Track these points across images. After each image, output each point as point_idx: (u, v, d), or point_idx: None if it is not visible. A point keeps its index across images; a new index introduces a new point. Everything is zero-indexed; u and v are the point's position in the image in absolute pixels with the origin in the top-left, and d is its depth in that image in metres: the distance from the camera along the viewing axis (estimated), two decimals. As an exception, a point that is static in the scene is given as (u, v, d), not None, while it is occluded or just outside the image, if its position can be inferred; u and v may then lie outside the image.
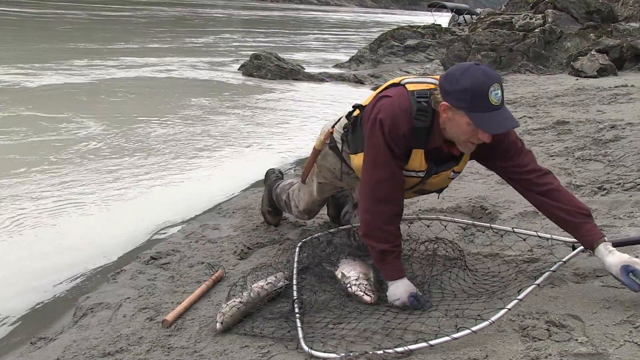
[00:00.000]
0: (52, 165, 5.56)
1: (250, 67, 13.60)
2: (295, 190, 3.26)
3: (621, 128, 5.15)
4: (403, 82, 2.38)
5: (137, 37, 20.99)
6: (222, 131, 7.60)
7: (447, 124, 2.21)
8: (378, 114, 2.30)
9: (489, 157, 2.43)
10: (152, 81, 11.78)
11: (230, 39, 23.78)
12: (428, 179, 2.41)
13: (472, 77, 2.08)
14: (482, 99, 2.08)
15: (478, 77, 2.08)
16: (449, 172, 2.43)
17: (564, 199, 2.30)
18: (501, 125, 2.13)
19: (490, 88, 2.07)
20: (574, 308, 2.18)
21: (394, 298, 2.33)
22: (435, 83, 2.28)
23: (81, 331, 2.53)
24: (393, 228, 2.38)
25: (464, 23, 26.32)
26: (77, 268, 3.52)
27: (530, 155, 2.42)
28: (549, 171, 2.40)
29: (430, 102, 2.25)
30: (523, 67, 11.55)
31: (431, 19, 30.87)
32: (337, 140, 2.71)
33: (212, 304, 2.60)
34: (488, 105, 2.08)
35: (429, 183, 2.45)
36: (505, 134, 2.31)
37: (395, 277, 2.36)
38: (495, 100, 2.08)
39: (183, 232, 3.84)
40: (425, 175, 2.38)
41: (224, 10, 48.83)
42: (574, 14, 12.59)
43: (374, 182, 2.34)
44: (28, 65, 12.30)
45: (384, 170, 2.31)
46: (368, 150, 2.36)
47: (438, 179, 2.43)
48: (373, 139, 2.31)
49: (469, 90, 2.08)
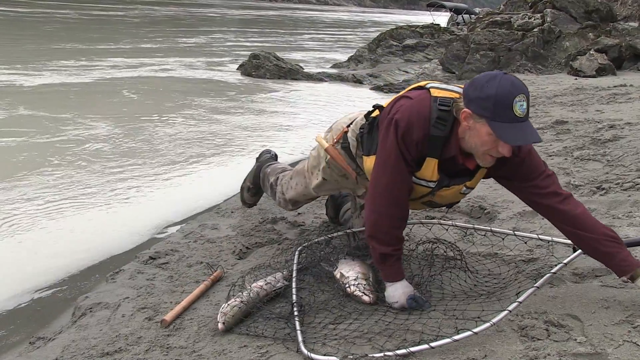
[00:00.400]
0: (52, 165, 5.55)
1: (248, 67, 13.59)
2: (287, 177, 3.19)
3: (620, 128, 5.16)
4: (428, 86, 2.31)
5: (130, 36, 20.98)
6: (221, 131, 7.60)
7: (467, 133, 2.14)
8: (395, 114, 2.24)
9: (509, 176, 2.32)
10: (151, 81, 11.77)
11: (225, 38, 23.78)
12: (438, 190, 2.34)
13: (498, 86, 2.02)
14: (506, 109, 2.00)
15: (504, 86, 2.02)
16: (460, 187, 2.35)
17: (591, 226, 2.18)
18: (523, 138, 2.05)
19: (515, 98, 2.00)
20: (572, 308, 2.18)
21: (392, 300, 2.32)
22: (460, 92, 2.20)
23: (80, 331, 2.52)
24: (398, 232, 2.35)
25: (463, 23, 26.33)
26: (75, 268, 3.52)
27: (553, 178, 2.29)
28: (570, 195, 2.28)
29: (452, 110, 2.18)
30: (522, 66, 11.55)
31: (429, 18, 30.89)
32: (352, 141, 2.65)
33: (211, 303, 2.60)
34: (511, 116, 2.01)
35: (438, 195, 2.37)
36: (528, 154, 2.24)
37: (394, 279, 2.34)
38: (520, 112, 2.01)
39: (182, 232, 3.84)
40: (436, 186, 2.31)
41: (219, 10, 48.80)
42: (572, 13, 12.60)
43: (383, 185, 2.29)
44: (22, 66, 12.29)
45: (395, 173, 2.26)
46: (381, 151, 2.31)
47: (449, 192, 2.36)
48: (387, 140, 2.26)
49: (492, 99, 2.01)
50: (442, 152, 2.22)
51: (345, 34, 32.87)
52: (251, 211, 4.01)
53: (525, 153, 2.22)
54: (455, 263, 2.63)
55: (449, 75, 12.47)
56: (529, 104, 2.07)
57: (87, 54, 14.89)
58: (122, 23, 27.35)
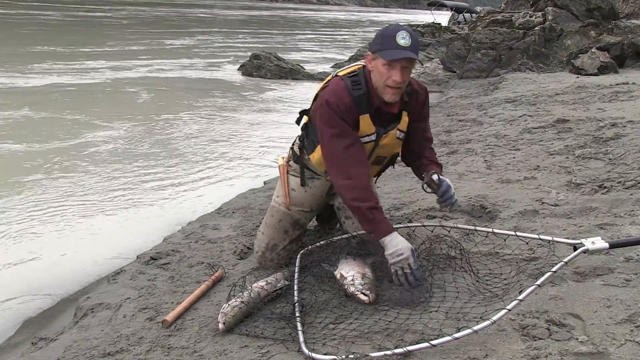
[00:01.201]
0: (53, 169, 5.57)
1: (249, 67, 13.60)
2: (258, 234, 3.09)
3: (622, 126, 5.14)
4: (334, 74, 2.72)
5: (125, 38, 21.00)
6: (224, 132, 7.62)
7: (373, 75, 2.53)
8: (322, 100, 2.58)
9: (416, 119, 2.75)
10: (153, 82, 11.79)
11: (221, 39, 23.77)
12: (379, 141, 2.65)
13: (386, 28, 2.52)
14: (391, 39, 2.43)
15: (391, 27, 2.51)
16: (395, 132, 2.67)
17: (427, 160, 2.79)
18: (400, 55, 2.41)
19: (398, 33, 2.44)
20: (574, 307, 2.17)
21: (397, 253, 2.40)
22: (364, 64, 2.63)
23: (81, 331, 2.53)
24: (372, 187, 2.66)
25: (464, 21, 26.30)
26: (77, 268, 3.52)
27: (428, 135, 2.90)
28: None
29: (360, 74, 2.59)
30: (523, 65, 11.52)
31: (427, 17, 30.84)
32: (297, 152, 2.94)
33: (212, 304, 2.60)
34: (395, 45, 2.42)
35: (382, 145, 2.67)
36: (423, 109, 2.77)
37: (389, 231, 2.47)
38: (403, 42, 2.42)
39: (183, 232, 3.84)
40: (377, 137, 2.63)
41: (214, 11, 48.75)
42: (574, 11, 12.57)
43: (341, 151, 2.54)
44: (22, 67, 12.31)
45: (347, 138, 2.54)
46: (324, 130, 2.58)
47: (387, 140, 2.67)
48: (326, 119, 2.56)
49: (381, 35, 2.49)
50: (368, 106, 2.57)
51: (342, 33, 32.84)
52: (252, 211, 4.02)
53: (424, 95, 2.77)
54: (457, 262, 2.62)
55: (449, 74, 12.45)
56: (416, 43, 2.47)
57: (79, 57, 14.93)
58: (116, 26, 27.30)
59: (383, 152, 2.74)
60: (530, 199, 3.54)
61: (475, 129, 6.36)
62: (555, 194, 3.59)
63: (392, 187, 4.36)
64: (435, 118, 7.80)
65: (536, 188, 3.77)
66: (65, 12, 32.06)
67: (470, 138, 5.85)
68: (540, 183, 3.87)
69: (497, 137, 5.68)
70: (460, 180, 4.19)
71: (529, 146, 5.06)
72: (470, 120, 6.96)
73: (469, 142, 5.65)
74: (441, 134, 6.35)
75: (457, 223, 3.07)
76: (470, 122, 6.85)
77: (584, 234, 2.79)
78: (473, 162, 4.79)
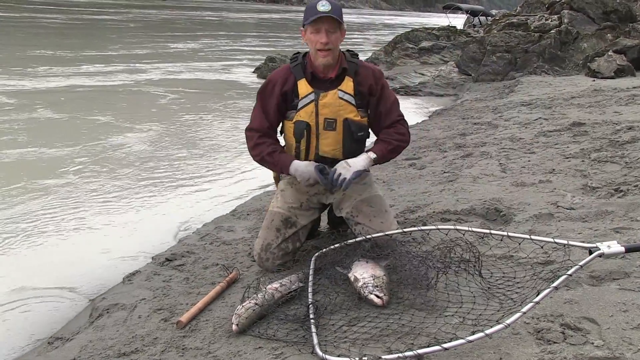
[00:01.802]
0: (73, 169, 5.63)
1: (265, 70, 13.65)
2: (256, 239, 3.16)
3: (639, 129, 5.09)
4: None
5: (133, 41, 21.14)
6: (241, 135, 7.64)
7: (309, 45, 2.85)
8: None
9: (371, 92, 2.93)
10: (171, 84, 11.88)
11: (236, 42, 23.89)
12: (320, 100, 2.86)
13: (309, 3, 2.82)
14: (312, 8, 2.76)
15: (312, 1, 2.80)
16: (335, 91, 2.87)
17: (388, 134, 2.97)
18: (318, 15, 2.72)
19: (318, 2, 2.74)
20: (589, 311, 2.15)
21: (305, 178, 2.84)
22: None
23: (97, 331, 2.55)
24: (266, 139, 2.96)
25: (479, 25, 26.17)
26: (93, 269, 3.55)
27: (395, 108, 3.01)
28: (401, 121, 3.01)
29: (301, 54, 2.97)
30: (539, 68, 11.44)
31: (443, 20, 30.71)
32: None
33: (227, 305, 2.61)
34: (315, 12, 2.73)
35: (323, 105, 2.86)
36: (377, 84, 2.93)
37: (289, 160, 2.90)
38: (322, 9, 2.72)
39: (198, 234, 3.87)
40: (315, 96, 2.86)
41: (237, 14, 48.88)
42: (590, 14, 12.46)
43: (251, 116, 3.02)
44: (44, 70, 12.45)
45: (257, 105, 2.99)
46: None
47: (328, 98, 2.86)
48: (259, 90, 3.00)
49: (306, 8, 2.84)
50: (304, 72, 2.89)
51: (355, 37, 32.81)
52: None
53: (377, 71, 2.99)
54: (472, 265, 2.61)
55: (465, 77, 12.41)
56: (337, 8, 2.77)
57: (90, 60, 15.06)
58: (123, 29, 27.48)
59: (328, 113, 2.87)
60: (546, 202, 3.52)
61: (490, 132, 6.34)
62: (570, 198, 3.57)
63: (406, 189, 4.35)
64: (450, 121, 7.78)
65: (551, 191, 3.74)
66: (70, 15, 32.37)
67: (485, 141, 5.83)
68: (555, 186, 3.84)
69: (512, 140, 5.66)
70: (475, 184, 4.18)
71: (544, 149, 5.03)
72: (485, 124, 6.93)
73: (484, 145, 5.63)
74: (456, 137, 6.33)
75: (471, 226, 3.06)
76: (485, 125, 6.82)
77: (600, 238, 2.77)
78: (488, 165, 4.77)
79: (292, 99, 2.90)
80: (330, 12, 2.73)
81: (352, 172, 2.78)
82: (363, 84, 2.90)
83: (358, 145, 2.96)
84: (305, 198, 3.05)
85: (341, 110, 2.87)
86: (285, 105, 2.93)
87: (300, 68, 2.90)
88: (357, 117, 2.90)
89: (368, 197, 2.98)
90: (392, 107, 2.99)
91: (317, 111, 2.86)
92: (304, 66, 2.90)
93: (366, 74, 2.92)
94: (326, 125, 2.88)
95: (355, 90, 2.88)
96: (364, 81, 2.90)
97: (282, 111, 2.95)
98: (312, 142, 2.92)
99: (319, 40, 2.75)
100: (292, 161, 2.88)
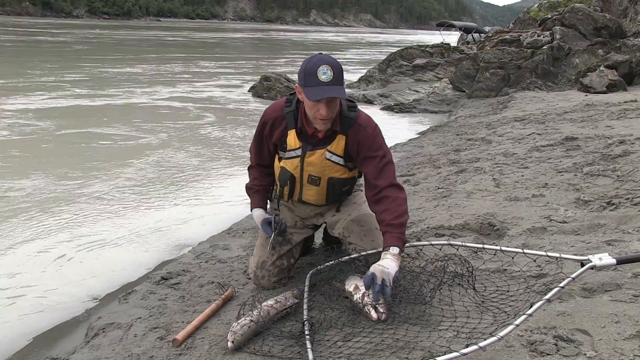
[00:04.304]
0: (67, 187, 5.64)
1: (259, 89, 13.74)
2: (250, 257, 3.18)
3: (630, 143, 5.14)
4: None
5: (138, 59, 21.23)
6: (235, 154, 7.68)
7: (304, 104, 2.65)
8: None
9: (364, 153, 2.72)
10: (164, 103, 11.93)
11: (234, 61, 23.99)
12: (306, 158, 2.77)
13: (309, 61, 2.54)
14: (312, 76, 2.49)
15: (313, 60, 2.54)
16: (323, 151, 2.75)
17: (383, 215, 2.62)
18: (321, 94, 2.48)
19: (320, 68, 2.48)
20: (582, 323, 2.17)
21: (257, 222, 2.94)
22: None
23: (93, 351, 2.55)
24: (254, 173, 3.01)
25: (472, 41, 26.41)
26: (88, 288, 3.55)
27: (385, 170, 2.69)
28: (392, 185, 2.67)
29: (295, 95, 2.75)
30: (532, 84, 11.56)
31: (436, 38, 30.93)
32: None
33: (222, 322, 2.62)
34: (316, 81, 2.48)
35: (308, 163, 2.78)
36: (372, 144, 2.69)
37: (253, 206, 2.98)
38: (324, 78, 2.48)
39: (193, 253, 3.88)
40: (302, 152, 2.77)
41: (225, 34, 49.15)
42: (581, 30, 12.61)
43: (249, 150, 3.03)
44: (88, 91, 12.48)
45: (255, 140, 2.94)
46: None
47: (314, 157, 2.76)
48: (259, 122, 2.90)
49: (304, 70, 2.53)
50: (296, 124, 2.74)
51: (349, 55, 33.04)
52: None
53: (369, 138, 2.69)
54: (466, 279, 2.63)
55: (459, 94, 12.51)
56: (339, 74, 2.51)
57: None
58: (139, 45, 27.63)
59: (313, 171, 2.81)
60: (539, 216, 3.54)
61: (484, 148, 6.39)
62: (563, 211, 3.60)
63: (400, 206, 4.37)
64: (444, 137, 7.84)
65: (544, 205, 3.77)
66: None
67: (479, 157, 5.87)
68: (548, 200, 3.87)
69: (505, 155, 5.70)
70: (469, 199, 4.21)
71: (537, 164, 5.08)
72: (479, 139, 6.98)
73: (477, 161, 5.67)
74: (450, 153, 6.37)
75: (465, 241, 3.08)
76: (479, 141, 6.87)
77: (592, 251, 2.80)
78: (482, 180, 4.80)
79: (282, 144, 2.83)
80: (332, 81, 2.49)
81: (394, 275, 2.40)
82: (359, 147, 2.72)
83: (343, 195, 2.98)
84: (299, 217, 3.08)
85: (327, 170, 2.81)
86: (276, 148, 2.89)
87: (292, 116, 2.77)
88: (343, 175, 2.84)
89: (358, 216, 2.97)
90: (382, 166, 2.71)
91: (302, 167, 2.81)
92: (295, 115, 2.76)
93: (359, 134, 2.71)
94: (310, 181, 2.85)
95: (345, 150, 2.75)
96: (358, 141, 2.72)
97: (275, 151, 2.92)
98: (295, 190, 2.92)
99: (319, 112, 2.56)
100: (254, 208, 2.97)
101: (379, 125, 2.82)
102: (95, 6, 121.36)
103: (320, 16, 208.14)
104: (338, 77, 2.51)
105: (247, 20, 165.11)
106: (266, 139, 2.89)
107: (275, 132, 2.82)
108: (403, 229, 2.59)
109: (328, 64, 2.50)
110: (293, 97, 2.80)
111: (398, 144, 8.15)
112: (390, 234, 2.55)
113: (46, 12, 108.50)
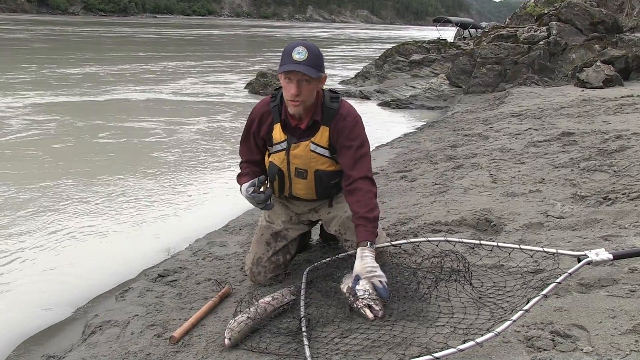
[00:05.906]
0: (63, 184, 5.63)
1: (256, 85, 13.73)
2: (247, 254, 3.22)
3: (627, 138, 5.15)
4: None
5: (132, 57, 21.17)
6: (230, 150, 7.66)
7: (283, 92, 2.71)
8: None
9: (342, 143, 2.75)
10: (159, 102, 11.91)
11: (232, 59, 23.95)
12: (291, 150, 2.80)
13: (289, 45, 2.64)
14: (288, 55, 2.58)
15: (290, 44, 2.64)
16: (307, 143, 2.78)
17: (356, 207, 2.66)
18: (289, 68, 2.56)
19: (295, 49, 2.58)
20: (579, 318, 2.17)
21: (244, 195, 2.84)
22: None
23: (90, 349, 2.55)
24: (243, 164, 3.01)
25: (469, 37, 26.41)
26: (85, 286, 3.55)
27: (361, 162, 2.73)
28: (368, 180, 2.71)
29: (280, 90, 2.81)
30: (528, 79, 11.57)
31: (433, 33, 30.93)
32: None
33: (219, 319, 2.62)
34: (290, 60, 2.56)
35: (294, 155, 2.81)
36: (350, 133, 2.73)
37: (240, 184, 2.89)
38: (297, 57, 2.55)
39: (190, 250, 3.87)
40: (287, 145, 2.81)
41: (221, 31, 49.03)
42: (578, 25, 12.62)
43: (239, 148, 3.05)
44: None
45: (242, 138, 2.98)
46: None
47: (299, 150, 2.79)
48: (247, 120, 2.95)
49: (283, 51, 2.63)
50: (280, 117, 2.80)
51: (345, 50, 33.01)
52: (259, 228, 4.03)
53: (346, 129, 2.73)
54: (463, 275, 2.63)
55: (455, 90, 12.51)
56: (314, 57, 2.58)
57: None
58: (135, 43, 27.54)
59: (299, 164, 2.83)
60: (536, 212, 3.55)
61: (480, 144, 6.39)
62: (560, 207, 3.60)
63: (397, 202, 4.38)
64: (441, 133, 7.84)
65: (541, 201, 3.78)
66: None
67: (475, 152, 5.88)
68: (545, 196, 3.88)
69: (502, 151, 5.70)
70: (466, 195, 4.21)
71: (534, 159, 5.08)
72: (476, 135, 6.98)
73: (474, 157, 5.67)
74: (447, 149, 6.37)
75: (462, 237, 3.08)
76: (475, 137, 6.87)
77: (589, 246, 2.80)
78: (478, 176, 4.80)
79: (269, 139, 2.87)
80: (305, 61, 2.56)
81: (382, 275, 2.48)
82: (339, 137, 2.75)
83: (333, 189, 2.95)
84: (294, 213, 3.08)
85: (312, 162, 2.82)
86: (264, 143, 2.92)
87: (276, 110, 2.82)
88: (330, 167, 2.84)
89: None
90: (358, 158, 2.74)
91: (288, 160, 2.83)
92: (279, 109, 2.81)
93: (339, 124, 2.75)
94: (297, 174, 2.86)
95: (330, 141, 2.77)
96: (338, 131, 2.75)
97: (264, 146, 2.94)
98: (285, 184, 2.92)
99: (289, 91, 2.62)
100: (243, 184, 2.88)
101: (377, 122, 2.85)
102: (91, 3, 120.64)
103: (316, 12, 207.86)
104: (312, 60, 2.58)
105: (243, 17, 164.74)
106: (254, 136, 2.92)
107: (263, 127, 2.87)
108: (376, 224, 2.66)
109: (305, 46, 2.60)
110: (278, 92, 2.86)
111: (395, 140, 8.15)
112: (365, 227, 2.61)
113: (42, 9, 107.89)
